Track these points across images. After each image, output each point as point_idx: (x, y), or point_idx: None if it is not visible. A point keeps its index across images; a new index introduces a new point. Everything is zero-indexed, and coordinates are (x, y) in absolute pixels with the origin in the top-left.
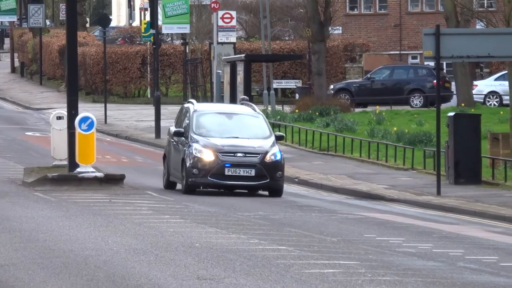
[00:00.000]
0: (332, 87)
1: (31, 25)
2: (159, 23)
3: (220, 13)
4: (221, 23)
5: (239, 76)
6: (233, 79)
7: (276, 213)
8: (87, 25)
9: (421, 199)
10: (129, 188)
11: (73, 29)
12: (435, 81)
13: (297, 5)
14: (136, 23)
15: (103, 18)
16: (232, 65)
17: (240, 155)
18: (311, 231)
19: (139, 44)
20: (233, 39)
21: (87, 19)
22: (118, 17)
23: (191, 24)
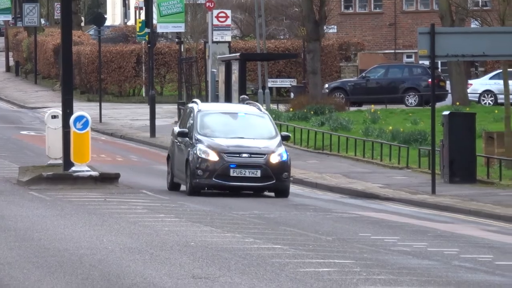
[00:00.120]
0: (327, 86)
1: (26, 24)
2: (154, 22)
3: (215, 12)
4: (216, 22)
5: (234, 75)
6: (228, 78)
7: (271, 212)
8: (82, 24)
9: (416, 198)
10: (124, 187)
11: (68, 28)
12: (430, 80)
13: (292, 4)
14: (131, 22)
15: (98, 17)
16: (227, 64)
17: (245, 156)
18: (306, 230)
19: (134, 43)
20: (228, 38)
21: (82, 18)
22: (113, 16)
23: (186, 23)
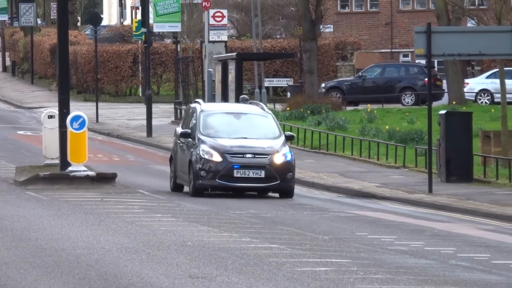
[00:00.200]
0: (323, 85)
1: (22, 24)
2: (151, 21)
3: (211, 12)
4: (212, 21)
5: (231, 74)
6: (225, 77)
7: (267, 211)
8: (79, 24)
9: (413, 197)
10: (121, 186)
11: (64, 28)
12: (427, 79)
13: (288, 3)
14: (127, 22)
15: (94, 17)
16: (223, 63)
17: (249, 156)
18: (303, 229)
19: (131, 42)
20: (225, 38)
21: (78, 18)
22: (109, 16)
23: (182, 22)
